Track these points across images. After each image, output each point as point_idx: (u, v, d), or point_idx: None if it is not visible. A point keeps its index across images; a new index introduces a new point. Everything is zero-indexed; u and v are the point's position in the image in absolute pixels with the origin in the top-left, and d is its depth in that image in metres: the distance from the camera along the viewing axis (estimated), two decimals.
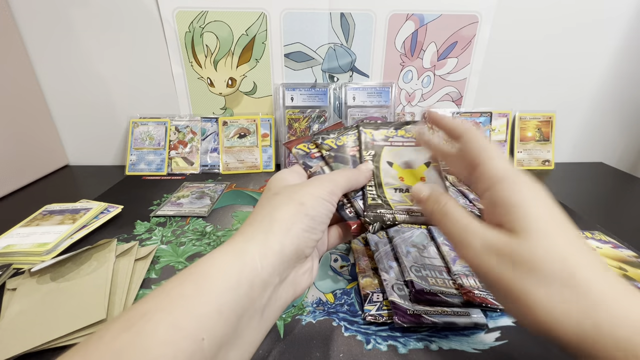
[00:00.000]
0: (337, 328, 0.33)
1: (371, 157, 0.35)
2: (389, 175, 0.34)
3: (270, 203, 0.25)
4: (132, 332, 0.16)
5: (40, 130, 0.71)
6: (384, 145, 0.36)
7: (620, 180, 0.71)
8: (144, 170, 0.72)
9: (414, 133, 0.35)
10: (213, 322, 0.18)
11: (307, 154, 0.36)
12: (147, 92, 0.73)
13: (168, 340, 0.16)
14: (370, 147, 0.36)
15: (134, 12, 0.66)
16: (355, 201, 0.33)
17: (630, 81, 0.75)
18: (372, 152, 0.35)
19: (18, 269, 0.41)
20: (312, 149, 0.36)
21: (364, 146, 0.36)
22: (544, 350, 0.31)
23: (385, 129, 0.37)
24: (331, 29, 0.69)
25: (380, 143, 0.36)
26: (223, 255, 0.21)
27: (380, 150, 0.35)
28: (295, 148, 0.36)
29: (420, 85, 0.74)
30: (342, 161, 0.35)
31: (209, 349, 0.17)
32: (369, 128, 0.37)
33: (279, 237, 0.22)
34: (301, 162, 0.34)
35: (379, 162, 0.34)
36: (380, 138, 0.37)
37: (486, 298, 0.35)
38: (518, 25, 0.69)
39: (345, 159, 0.35)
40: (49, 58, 0.69)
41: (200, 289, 0.18)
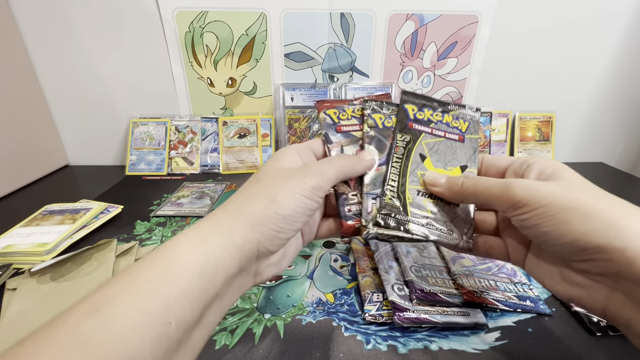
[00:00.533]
0: (337, 328, 0.33)
1: (404, 144, 0.30)
2: (417, 172, 0.30)
3: (248, 190, 0.25)
4: (97, 315, 0.16)
5: (40, 130, 0.71)
6: (423, 132, 0.31)
7: (620, 180, 0.71)
8: (144, 170, 0.72)
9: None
10: (179, 307, 0.18)
11: (334, 124, 0.31)
12: (147, 92, 0.73)
13: (135, 324, 0.16)
14: (406, 130, 0.31)
15: (134, 12, 0.66)
16: (367, 199, 0.29)
17: (630, 81, 0.75)
18: (407, 138, 0.30)
19: (18, 269, 0.41)
20: (343, 119, 0.31)
21: (399, 126, 0.31)
22: (544, 350, 0.31)
23: (430, 109, 0.31)
24: (331, 29, 0.69)
25: (420, 127, 0.31)
26: (189, 241, 0.21)
27: (417, 137, 0.30)
28: (324, 113, 0.31)
29: (420, 85, 0.74)
30: (379, 147, 0.30)
31: (175, 333, 0.17)
32: (411, 103, 0.31)
33: (241, 231, 0.22)
34: (323, 132, 0.31)
35: (411, 151, 0.30)
36: (422, 120, 0.31)
37: (486, 298, 0.35)
38: (518, 25, 0.69)
39: (384, 145, 0.30)
40: (49, 58, 0.69)
41: (166, 274, 0.18)
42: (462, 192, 0.27)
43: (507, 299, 0.35)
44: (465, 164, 0.30)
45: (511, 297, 0.36)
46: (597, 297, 0.21)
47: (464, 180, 0.26)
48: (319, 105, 0.32)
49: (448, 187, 0.28)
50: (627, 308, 0.20)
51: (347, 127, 0.31)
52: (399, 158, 0.30)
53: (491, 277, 0.38)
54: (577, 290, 0.22)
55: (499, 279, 0.38)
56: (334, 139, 0.30)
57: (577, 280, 0.22)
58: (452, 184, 0.27)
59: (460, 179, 0.27)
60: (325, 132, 0.31)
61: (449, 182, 0.28)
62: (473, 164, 0.30)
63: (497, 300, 0.35)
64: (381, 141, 0.30)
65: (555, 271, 0.24)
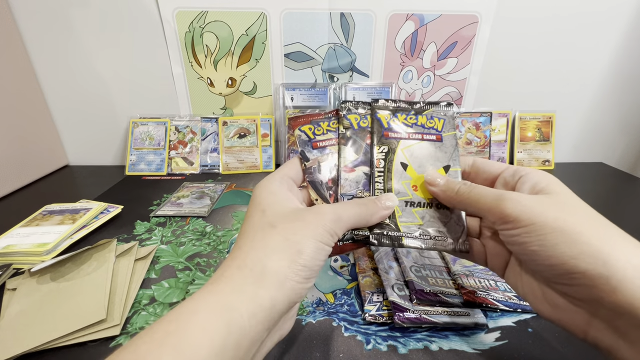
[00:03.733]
0: (337, 328, 0.33)
1: (383, 156, 0.30)
2: (401, 182, 0.29)
3: (265, 242, 0.22)
4: None
5: (40, 130, 0.71)
6: (400, 139, 0.30)
7: (620, 180, 0.71)
8: (144, 170, 0.72)
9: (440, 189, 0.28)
10: None
11: (310, 140, 0.30)
12: (147, 92, 0.73)
13: None
14: (383, 141, 0.30)
15: (134, 12, 0.66)
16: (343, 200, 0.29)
17: (630, 81, 0.75)
18: (386, 149, 0.30)
19: (18, 269, 0.41)
20: (318, 134, 0.31)
21: (376, 139, 0.30)
22: (544, 351, 0.31)
23: (403, 113, 0.31)
24: (331, 29, 0.69)
25: (396, 135, 0.30)
26: (207, 312, 0.18)
27: (395, 146, 0.30)
28: (299, 129, 0.31)
29: (420, 85, 0.74)
30: (354, 149, 0.30)
31: None
32: (384, 111, 0.31)
33: (271, 292, 0.20)
34: (299, 150, 0.30)
35: (392, 162, 0.30)
36: (397, 127, 0.31)
37: (486, 298, 0.35)
38: (518, 25, 0.69)
39: (359, 146, 0.30)
40: (49, 58, 0.69)
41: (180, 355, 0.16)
42: (456, 198, 0.26)
43: (507, 299, 0.35)
44: (448, 164, 0.30)
45: (511, 297, 0.36)
46: (578, 321, 0.21)
47: (461, 186, 0.26)
48: (293, 122, 0.31)
49: (444, 191, 0.27)
50: (607, 335, 0.20)
51: (323, 143, 0.31)
52: (380, 172, 0.29)
53: (491, 277, 0.38)
54: (559, 312, 0.22)
55: (499, 279, 0.38)
56: (310, 156, 0.30)
57: (559, 302, 0.22)
58: (448, 188, 0.27)
59: (457, 185, 0.26)
60: (301, 149, 0.30)
61: (446, 186, 0.27)
62: (455, 162, 0.30)
63: (497, 300, 0.35)
64: (357, 142, 0.30)
65: (537, 289, 0.23)
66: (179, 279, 0.40)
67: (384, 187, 0.29)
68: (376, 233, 0.27)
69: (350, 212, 0.25)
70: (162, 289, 0.38)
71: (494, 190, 0.24)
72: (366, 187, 0.29)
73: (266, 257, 0.21)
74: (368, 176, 0.30)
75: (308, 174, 0.29)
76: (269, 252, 0.21)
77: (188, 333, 0.17)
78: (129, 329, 0.33)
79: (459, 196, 0.26)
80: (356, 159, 0.30)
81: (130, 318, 0.34)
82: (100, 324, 0.32)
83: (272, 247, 0.21)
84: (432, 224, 0.28)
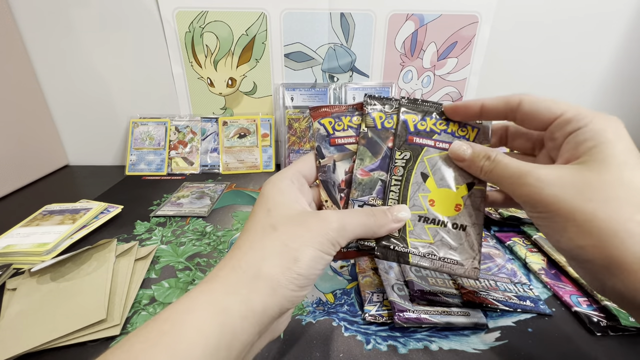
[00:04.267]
0: (337, 328, 0.33)
1: (403, 163, 0.27)
2: (418, 194, 0.27)
3: (263, 244, 0.21)
4: None
5: (40, 130, 0.71)
6: (425, 146, 0.28)
7: None
8: (144, 170, 0.72)
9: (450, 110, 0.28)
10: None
11: (328, 135, 0.28)
12: (147, 92, 0.73)
13: None
14: (406, 147, 0.28)
15: (134, 12, 0.66)
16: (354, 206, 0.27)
17: (631, 82, 0.75)
18: (407, 155, 0.28)
19: (18, 269, 0.41)
20: (338, 129, 0.29)
21: (398, 142, 0.28)
22: (544, 350, 0.31)
23: (433, 117, 0.28)
24: (331, 29, 0.69)
25: (422, 141, 0.28)
26: (201, 311, 0.18)
27: (418, 153, 0.28)
28: (319, 122, 0.29)
29: (420, 85, 0.74)
30: (374, 151, 0.28)
31: None
32: (412, 112, 0.28)
33: (262, 297, 0.19)
34: (316, 145, 0.29)
35: (412, 170, 0.27)
36: (424, 132, 0.28)
37: (486, 298, 0.35)
38: (518, 25, 0.69)
39: (378, 148, 0.28)
40: (49, 58, 0.69)
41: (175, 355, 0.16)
42: (482, 176, 0.26)
43: (507, 299, 0.35)
44: (473, 181, 0.27)
45: (511, 297, 0.36)
46: (595, 284, 0.22)
47: (485, 163, 0.25)
48: (314, 113, 0.29)
49: (469, 167, 0.26)
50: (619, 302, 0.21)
51: (342, 140, 0.29)
52: (397, 181, 0.27)
53: (491, 277, 0.38)
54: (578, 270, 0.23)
55: (499, 279, 0.38)
56: (326, 153, 0.28)
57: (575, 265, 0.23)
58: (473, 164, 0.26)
59: (482, 161, 0.25)
60: (317, 144, 0.28)
61: (470, 161, 0.26)
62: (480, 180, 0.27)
63: (497, 300, 0.35)
64: (377, 144, 0.28)
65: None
66: (179, 279, 0.40)
67: (399, 197, 0.27)
68: (382, 246, 0.26)
69: (356, 222, 0.24)
70: (162, 289, 0.38)
71: (516, 167, 0.23)
72: (380, 195, 0.27)
73: (262, 260, 0.21)
74: (384, 183, 0.28)
75: (322, 172, 0.28)
76: (265, 255, 0.21)
77: (182, 333, 0.17)
78: (129, 329, 0.33)
79: (484, 174, 0.25)
80: (374, 162, 0.28)
81: (130, 318, 0.34)
82: (100, 324, 0.32)
83: (270, 250, 0.21)
84: (443, 244, 0.27)
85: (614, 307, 0.33)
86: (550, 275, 0.40)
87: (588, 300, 0.36)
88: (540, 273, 0.40)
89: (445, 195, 0.27)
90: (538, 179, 0.22)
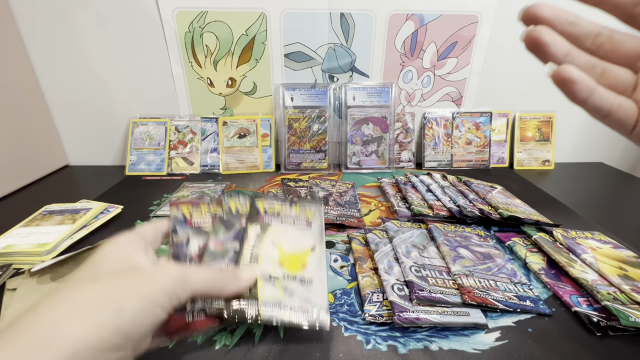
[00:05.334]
0: (337, 328, 0.33)
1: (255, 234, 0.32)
2: (268, 258, 0.31)
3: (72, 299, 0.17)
4: None
5: (40, 130, 0.71)
6: (273, 223, 0.34)
7: (620, 180, 0.71)
8: (144, 170, 0.72)
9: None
10: None
11: (185, 220, 0.31)
12: (147, 92, 0.73)
13: None
14: (257, 222, 0.33)
15: (134, 12, 0.66)
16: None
17: None
18: (258, 228, 0.33)
19: (18, 269, 0.41)
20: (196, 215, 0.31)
21: (250, 219, 0.33)
22: (544, 350, 0.31)
23: (279, 203, 0.35)
24: (331, 29, 0.69)
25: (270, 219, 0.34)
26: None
27: (268, 227, 0.33)
28: (177, 208, 0.31)
29: (420, 85, 0.74)
30: (227, 226, 0.32)
31: None
32: (262, 200, 0.35)
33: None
34: (172, 225, 0.30)
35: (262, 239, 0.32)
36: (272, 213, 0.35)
37: (486, 298, 0.35)
38: (518, 25, 0.69)
39: (232, 225, 0.32)
40: (49, 58, 0.69)
41: None
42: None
43: (507, 299, 0.35)
44: (314, 244, 0.33)
45: (511, 297, 0.36)
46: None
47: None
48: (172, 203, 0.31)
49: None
50: None
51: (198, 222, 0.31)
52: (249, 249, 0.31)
53: (491, 277, 0.38)
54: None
55: (499, 279, 0.38)
56: (181, 231, 0.30)
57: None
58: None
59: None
60: (173, 225, 0.30)
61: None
62: (321, 243, 0.33)
63: (497, 300, 0.35)
64: (232, 222, 0.32)
65: None
66: None
67: (250, 259, 0.30)
68: (232, 307, 0.26)
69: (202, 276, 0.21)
70: None
71: None
72: (232, 262, 0.30)
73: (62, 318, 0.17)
74: (236, 253, 0.30)
75: (175, 247, 0.29)
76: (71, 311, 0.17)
77: None
78: None
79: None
80: (228, 235, 0.31)
81: None
82: None
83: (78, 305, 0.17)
84: (293, 297, 0.29)
85: (613, 307, 0.33)
86: (550, 275, 0.40)
87: (588, 300, 0.36)
88: (540, 273, 0.40)
89: (292, 258, 0.32)
90: None
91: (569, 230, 0.47)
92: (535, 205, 0.55)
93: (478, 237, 0.46)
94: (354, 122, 0.73)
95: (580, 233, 0.47)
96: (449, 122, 0.76)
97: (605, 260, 0.40)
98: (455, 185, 0.60)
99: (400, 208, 0.54)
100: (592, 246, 0.43)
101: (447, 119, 0.76)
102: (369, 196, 0.62)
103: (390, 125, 0.73)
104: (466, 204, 0.52)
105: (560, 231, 0.46)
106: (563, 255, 0.41)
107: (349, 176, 0.71)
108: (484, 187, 0.59)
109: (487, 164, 0.77)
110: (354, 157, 0.73)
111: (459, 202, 0.52)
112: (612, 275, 0.37)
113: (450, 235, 0.46)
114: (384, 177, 0.68)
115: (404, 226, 0.48)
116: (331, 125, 0.74)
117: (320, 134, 0.72)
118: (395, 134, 0.75)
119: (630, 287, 0.35)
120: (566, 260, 0.40)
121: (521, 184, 0.68)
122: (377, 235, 0.45)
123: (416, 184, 0.60)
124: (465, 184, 0.61)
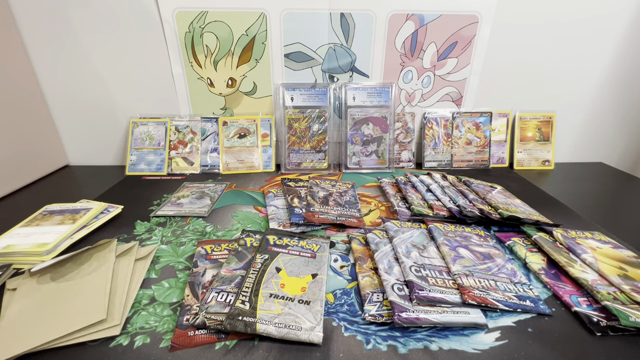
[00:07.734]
0: (337, 328, 0.33)
1: (262, 261, 0.39)
2: (271, 280, 0.36)
3: None
4: None
5: (40, 130, 0.71)
6: (281, 252, 0.41)
7: (620, 180, 0.71)
8: (144, 170, 0.72)
9: None
10: None
11: (206, 254, 0.41)
12: (147, 92, 0.73)
13: None
14: (266, 252, 0.40)
15: (134, 12, 0.66)
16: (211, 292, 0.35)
17: (630, 81, 0.75)
18: (266, 256, 0.40)
19: (18, 269, 0.41)
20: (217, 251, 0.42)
21: (260, 249, 0.41)
22: (544, 350, 0.31)
23: (289, 238, 0.44)
24: (331, 29, 0.69)
25: (278, 250, 0.41)
26: None
27: (275, 256, 0.40)
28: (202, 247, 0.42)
29: (420, 85, 0.74)
30: (239, 257, 0.40)
31: None
32: (273, 235, 0.43)
33: None
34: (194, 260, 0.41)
35: (268, 265, 0.38)
36: (280, 245, 0.42)
37: (486, 298, 0.35)
38: (518, 25, 0.69)
39: (244, 256, 0.40)
40: (49, 58, 0.69)
41: None
42: None
43: (507, 299, 0.35)
44: (317, 272, 0.38)
45: (511, 297, 0.36)
46: None
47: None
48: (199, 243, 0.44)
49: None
50: None
51: (216, 256, 0.41)
52: (254, 271, 0.37)
53: (491, 277, 0.38)
54: None
55: (499, 279, 0.38)
56: (201, 264, 0.40)
57: None
58: None
59: None
60: (195, 259, 0.40)
61: None
62: (322, 272, 0.39)
63: (497, 300, 0.35)
64: (243, 253, 0.41)
65: None
66: (179, 279, 0.40)
67: (254, 282, 0.36)
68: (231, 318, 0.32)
69: None
70: (162, 288, 0.38)
71: None
72: (237, 285, 0.36)
73: None
74: (242, 278, 0.37)
75: (192, 276, 0.38)
76: None
77: None
78: (129, 329, 0.33)
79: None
80: (238, 265, 0.39)
81: (130, 318, 0.34)
82: (100, 324, 0.32)
83: None
84: (290, 314, 0.33)
85: (613, 307, 0.33)
86: (550, 275, 0.40)
87: (588, 300, 0.36)
88: (540, 273, 0.40)
89: (293, 281, 0.36)
90: None
91: (569, 230, 0.47)
92: (535, 205, 0.55)
93: (478, 237, 0.46)
94: (354, 122, 0.73)
95: (580, 233, 0.47)
96: (449, 122, 0.76)
97: (605, 260, 0.40)
98: (455, 185, 0.60)
99: (400, 208, 0.54)
100: (592, 246, 0.43)
101: (447, 119, 0.76)
102: (369, 196, 0.62)
103: (390, 125, 0.73)
104: (466, 204, 0.52)
105: (560, 231, 0.46)
106: (563, 255, 0.41)
107: (349, 176, 0.71)
108: (483, 187, 0.59)
109: (487, 164, 0.77)
110: (354, 157, 0.73)
111: (459, 202, 0.52)
112: (612, 275, 0.37)
113: (450, 235, 0.46)
114: (384, 177, 0.68)
115: (404, 226, 0.48)
116: (331, 125, 0.74)
117: (320, 134, 0.72)
118: (395, 134, 0.75)
119: (630, 287, 0.35)
120: (566, 260, 0.40)
121: (521, 184, 0.68)
122: (377, 235, 0.45)
123: (416, 184, 0.60)
124: (465, 184, 0.61)
